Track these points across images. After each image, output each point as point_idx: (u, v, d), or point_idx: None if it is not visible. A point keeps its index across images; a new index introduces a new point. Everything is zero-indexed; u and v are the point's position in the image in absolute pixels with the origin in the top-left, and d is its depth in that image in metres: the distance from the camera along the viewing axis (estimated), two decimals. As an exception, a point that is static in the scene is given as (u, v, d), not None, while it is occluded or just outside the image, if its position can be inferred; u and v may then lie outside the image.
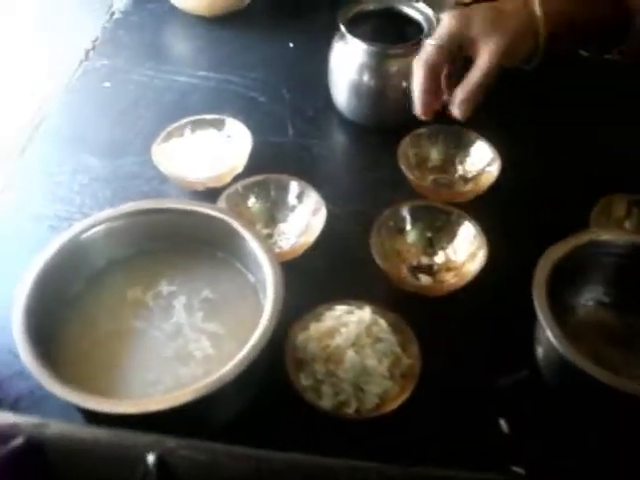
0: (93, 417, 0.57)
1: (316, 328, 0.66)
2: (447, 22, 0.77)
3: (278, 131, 0.93)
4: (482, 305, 0.72)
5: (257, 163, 0.86)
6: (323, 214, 0.75)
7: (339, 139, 0.95)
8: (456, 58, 0.78)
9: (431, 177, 0.86)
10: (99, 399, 0.55)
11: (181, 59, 1.09)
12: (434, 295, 0.73)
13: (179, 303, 0.66)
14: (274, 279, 0.62)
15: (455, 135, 0.86)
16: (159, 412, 0.54)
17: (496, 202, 0.81)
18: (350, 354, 0.63)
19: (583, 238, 0.67)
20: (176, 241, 0.69)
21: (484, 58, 0.76)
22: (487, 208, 0.80)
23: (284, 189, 0.79)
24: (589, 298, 0.70)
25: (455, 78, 0.79)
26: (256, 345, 0.57)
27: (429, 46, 0.77)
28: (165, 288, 0.67)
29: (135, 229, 0.69)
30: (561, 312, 0.64)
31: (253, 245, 0.65)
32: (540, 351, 0.66)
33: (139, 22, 1.13)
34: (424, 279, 0.74)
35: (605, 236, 0.68)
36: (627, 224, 0.80)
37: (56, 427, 0.44)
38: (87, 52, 1.06)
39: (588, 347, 0.65)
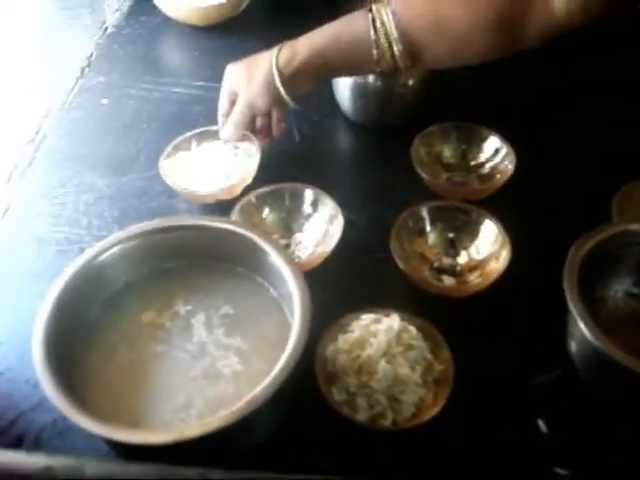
0: (122, 449, 0.55)
1: (344, 339, 0.64)
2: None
3: (284, 138, 0.91)
4: (509, 303, 0.71)
5: (266, 172, 0.84)
6: (340, 221, 0.74)
7: (347, 143, 0.93)
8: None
9: (445, 175, 0.84)
10: (130, 430, 0.53)
11: (179, 70, 1.07)
12: (459, 296, 0.71)
13: (198, 321, 0.64)
14: (300, 294, 0.60)
15: (467, 131, 0.84)
16: (193, 439, 0.52)
17: (514, 197, 0.80)
18: (382, 364, 0.61)
19: (611, 230, 0.65)
20: (193, 258, 0.67)
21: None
22: (505, 204, 0.79)
23: (299, 197, 0.77)
24: (619, 289, 0.69)
25: None
26: (287, 364, 0.55)
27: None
28: (182, 308, 0.65)
29: (150, 249, 0.66)
30: (592, 304, 0.63)
31: (274, 258, 0.63)
32: (573, 345, 0.64)
33: (133, 35, 1.11)
34: (448, 280, 0.73)
35: (633, 227, 0.66)
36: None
37: (93, 467, 0.41)
38: (82, 69, 1.04)
39: (621, 338, 0.62)
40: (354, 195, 0.83)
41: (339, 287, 0.74)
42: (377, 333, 0.63)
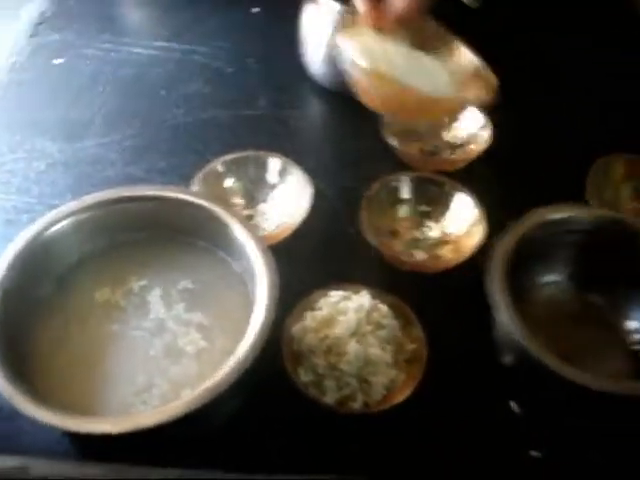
0: (77, 438, 0.51)
1: (312, 317, 0.61)
2: None
3: (249, 104, 0.87)
4: (481, 278, 0.68)
5: (230, 139, 0.81)
6: (309, 192, 0.70)
7: (316, 109, 0.89)
8: None
9: (417, 145, 0.80)
10: (79, 418, 0.49)
11: (138, 30, 1.01)
12: (431, 272, 0.68)
13: (154, 297, 0.61)
14: (266, 269, 0.57)
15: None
16: (150, 428, 0.48)
17: (488, 169, 0.77)
18: (353, 345, 0.58)
19: (537, 218, 0.63)
20: (151, 231, 0.64)
21: None
22: (479, 175, 0.76)
23: (264, 166, 0.73)
24: (550, 278, 0.67)
25: None
26: (254, 345, 0.52)
27: None
28: (136, 284, 0.62)
29: (105, 221, 0.63)
30: (521, 294, 0.62)
31: (237, 231, 0.60)
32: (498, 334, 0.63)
33: (88, -10, 1.04)
34: (420, 255, 0.70)
35: (561, 214, 0.64)
36: (624, 186, 0.76)
37: (40, 468, 0.38)
38: (35, 26, 0.97)
39: (548, 329, 0.61)
40: (323, 165, 0.79)
41: (307, 262, 0.70)
42: (346, 311, 0.60)
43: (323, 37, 0.83)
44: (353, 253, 0.70)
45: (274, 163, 0.73)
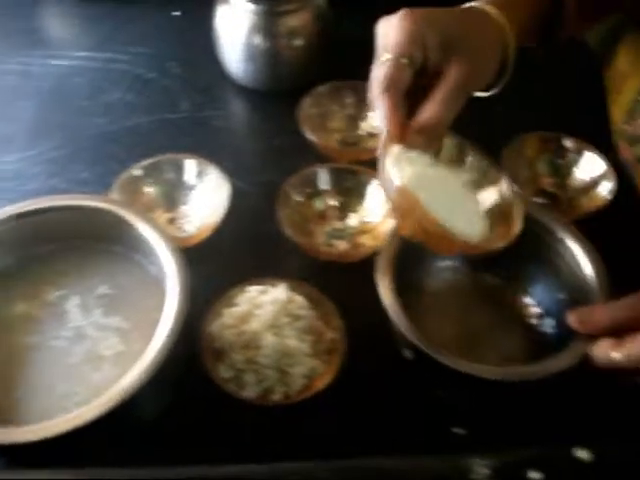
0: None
1: (230, 314, 0.61)
2: (403, 26, 0.58)
3: (171, 108, 0.87)
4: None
5: (152, 144, 0.81)
6: (226, 191, 0.70)
7: (237, 109, 0.90)
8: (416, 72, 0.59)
9: (337, 137, 0.81)
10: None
11: (58, 41, 1.01)
12: (352, 260, 0.69)
13: (72, 305, 0.61)
14: (176, 269, 0.57)
15: (357, 90, 0.82)
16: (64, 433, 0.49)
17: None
18: (268, 338, 0.58)
19: None
20: (65, 241, 0.64)
21: (454, 73, 0.58)
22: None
23: (180, 169, 0.74)
24: (446, 263, 0.68)
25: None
26: (163, 346, 0.53)
27: (387, 63, 0.57)
28: (54, 294, 0.62)
29: (18, 234, 0.63)
30: (416, 282, 0.64)
31: (148, 234, 0.60)
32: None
33: (6, 4, 1.04)
34: (342, 245, 0.71)
35: None
36: (539, 162, 0.78)
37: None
38: (-48, 44, 0.97)
39: (449, 312, 0.65)
40: (244, 163, 0.80)
41: (228, 259, 0.71)
42: (263, 305, 0.61)
43: (238, 37, 0.84)
44: (274, 248, 0.70)
45: (190, 165, 0.73)
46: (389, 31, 0.59)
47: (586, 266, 0.60)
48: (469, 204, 0.62)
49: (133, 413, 0.56)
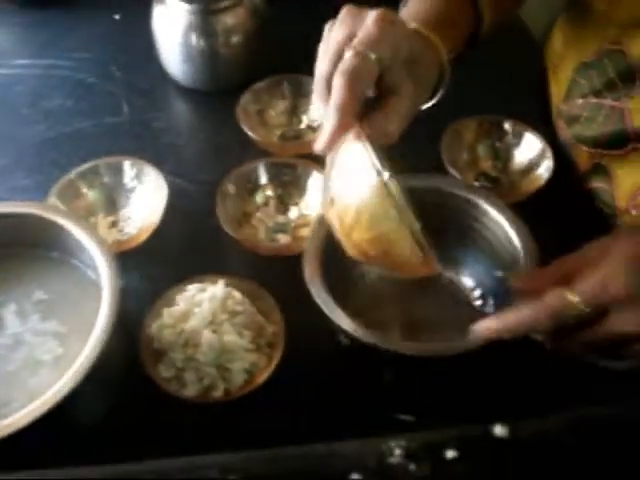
0: None
1: (169, 314, 0.61)
2: (380, 25, 0.54)
3: (112, 112, 0.87)
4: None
5: (92, 149, 0.80)
6: (164, 191, 0.70)
7: (178, 109, 0.89)
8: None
9: (278, 132, 0.81)
10: None
11: (-2, 50, 1.00)
12: (293, 254, 0.69)
13: (9, 312, 0.60)
14: (109, 271, 0.57)
15: (297, 84, 0.82)
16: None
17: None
18: (206, 334, 0.58)
19: None
20: (3, 248, 0.63)
21: (410, 93, 0.57)
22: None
23: (119, 172, 0.73)
24: None
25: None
26: (93, 349, 0.52)
27: (353, 54, 0.53)
28: (-13, 303, 0.61)
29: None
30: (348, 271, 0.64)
31: (82, 239, 0.60)
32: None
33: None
34: (284, 239, 0.71)
35: None
36: (479, 146, 0.78)
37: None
38: None
39: (392, 302, 0.65)
40: (186, 163, 0.80)
41: (171, 259, 0.71)
42: (201, 303, 0.61)
43: (175, 37, 0.83)
44: (215, 245, 0.70)
45: (128, 167, 0.73)
46: (359, 23, 0.55)
47: (517, 242, 0.61)
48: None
49: (73, 415, 0.56)
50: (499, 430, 0.43)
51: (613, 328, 0.50)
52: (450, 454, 0.42)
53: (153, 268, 0.69)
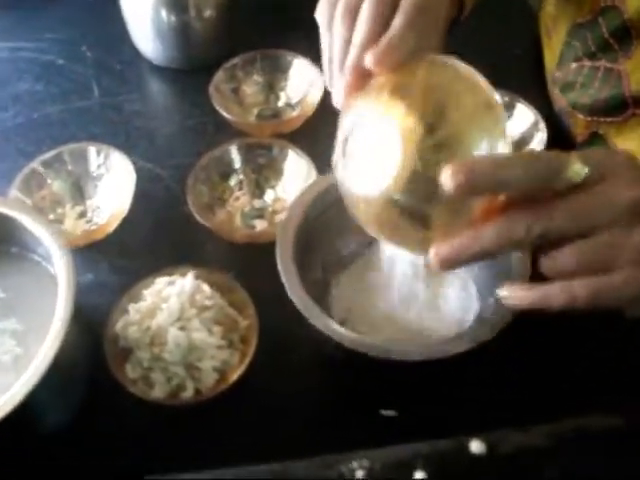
0: None
1: (136, 310, 0.57)
2: None
3: (82, 95, 0.82)
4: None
5: (61, 134, 0.76)
6: (132, 177, 0.66)
7: (151, 90, 0.84)
8: None
9: (255, 110, 0.77)
10: None
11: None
12: (271, 240, 0.64)
13: (-38, 313, 0.57)
14: (63, 266, 0.53)
15: (272, 60, 0.77)
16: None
17: (327, 124, 0.73)
18: (172, 332, 0.54)
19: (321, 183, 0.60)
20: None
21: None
22: (318, 132, 0.72)
23: (84, 159, 0.69)
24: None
25: None
26: (47, 352, 0.48)
27: None
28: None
29: None
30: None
31: (39, 232, 0.56)
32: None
33: None
34: (260, 224, 0.66)
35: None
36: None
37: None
38: None
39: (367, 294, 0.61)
40: (158, 146, 0.75)
41: (142, 250, 0.67)
42: (169, 298, 0.57)
43: (144, 12, 0.79)
44: (188, 234, 0.66)
45: (94, 154, 0.69)
46: None
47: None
48: None
49: (32, 420, 0.52)
50: (476, 446, 0.38)
51: (608, 194, 0.41)
52: (419, 475, 0.37)
53: (123, 260, 0.66)
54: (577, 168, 0.40)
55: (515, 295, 0.44)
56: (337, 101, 0.48)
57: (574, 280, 0.41)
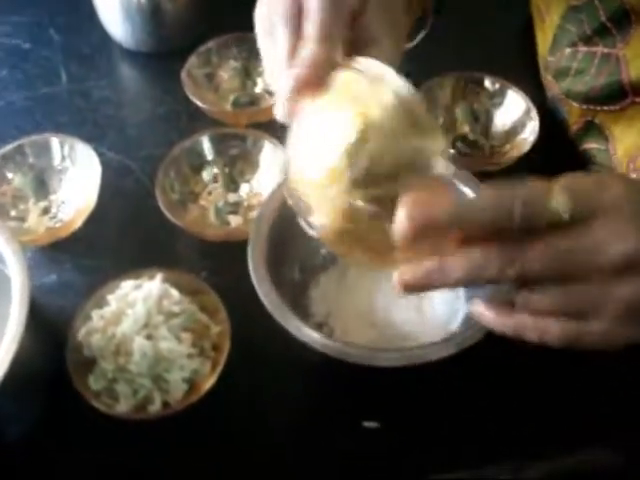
0: None
1: (99, 316, 0.53)
2: None
3: (49, 81, 0.78)
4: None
5: (27, 125, 0.72)
6: (98, 170, 0.62)
7: (121, 75, 0.80)
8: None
9: (230, 97, 0.72)
10: None
11: None
12: (246, 239, 0.61)
13: None
14: (17, 270, 0.49)
15: (248, 44, 0.72)
16: None
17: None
18: (138, 341, 0.50)
19: None
20: None
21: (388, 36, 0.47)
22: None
23: (46, 151, 0.65)
24: None
25: None
26: (5, 357, 0.45)
27: None
28: None
29: None
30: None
31: (-7, 234, 0.52)
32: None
33: None
34: (234, 220, 0.62)
35: None
36: (456, 109, 0.69)
37: None
38: None
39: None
40: (128, 136, 0.71)
41: (110, 248, 0.63)
42: (135, 303, 0.53)
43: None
44: (158, 231, 0.62)
45: (57, 145, 0.64)
46: None
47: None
48: None
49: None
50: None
51: (595, 240, 0.36)
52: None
53: (89, 259, 0.62)
54: (560, 203, 0.35)
55: (488, 316, 0.39)
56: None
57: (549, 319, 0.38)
